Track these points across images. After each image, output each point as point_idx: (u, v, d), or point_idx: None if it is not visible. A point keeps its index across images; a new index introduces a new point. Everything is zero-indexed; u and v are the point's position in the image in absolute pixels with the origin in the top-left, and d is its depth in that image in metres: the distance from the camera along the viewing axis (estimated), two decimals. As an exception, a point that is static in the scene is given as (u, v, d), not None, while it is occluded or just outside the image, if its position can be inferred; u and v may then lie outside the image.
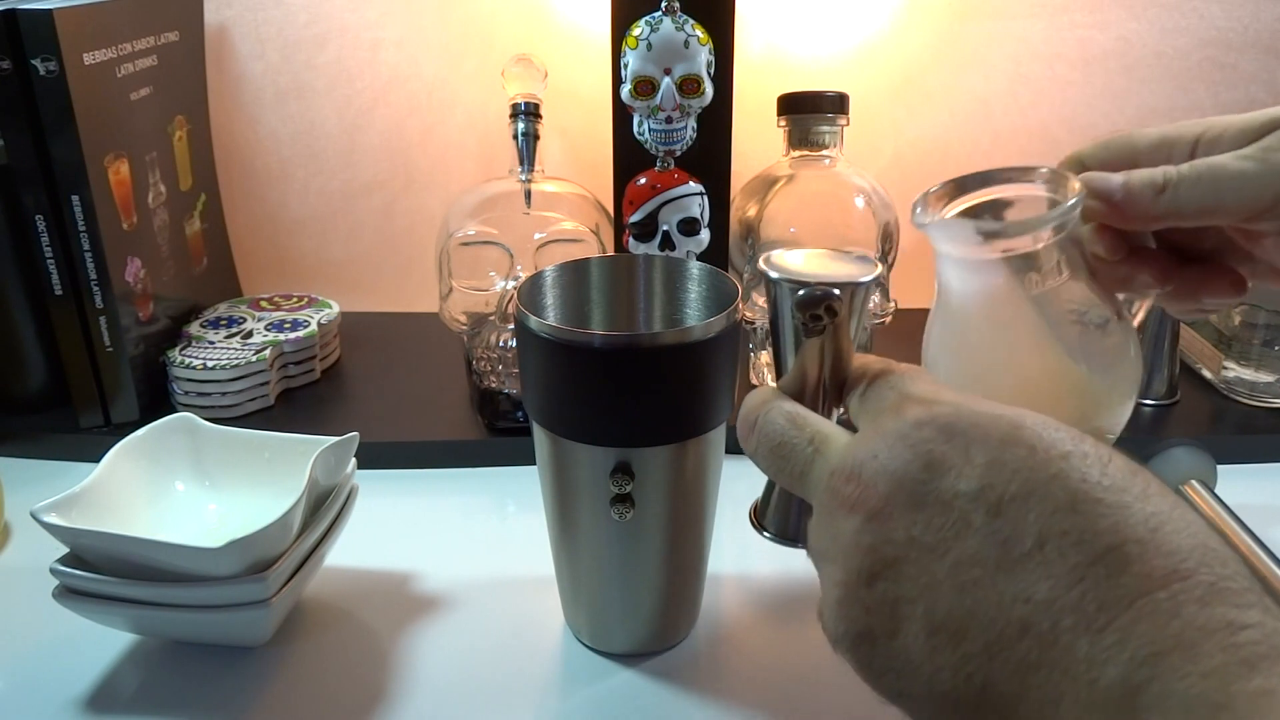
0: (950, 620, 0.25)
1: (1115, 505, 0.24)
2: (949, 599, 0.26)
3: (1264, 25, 0.83)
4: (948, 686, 0.26)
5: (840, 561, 0.28)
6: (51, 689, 0.47)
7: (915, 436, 0.28)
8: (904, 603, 0.27)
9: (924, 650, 0.26)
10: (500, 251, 0.69)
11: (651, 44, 0.62)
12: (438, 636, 0.51)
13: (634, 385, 0.42)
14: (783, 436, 0.32)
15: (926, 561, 0.26)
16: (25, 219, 0.64)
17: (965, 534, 0.26)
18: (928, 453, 0.27)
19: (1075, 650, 0.23)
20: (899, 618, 0.27)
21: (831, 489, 0.29)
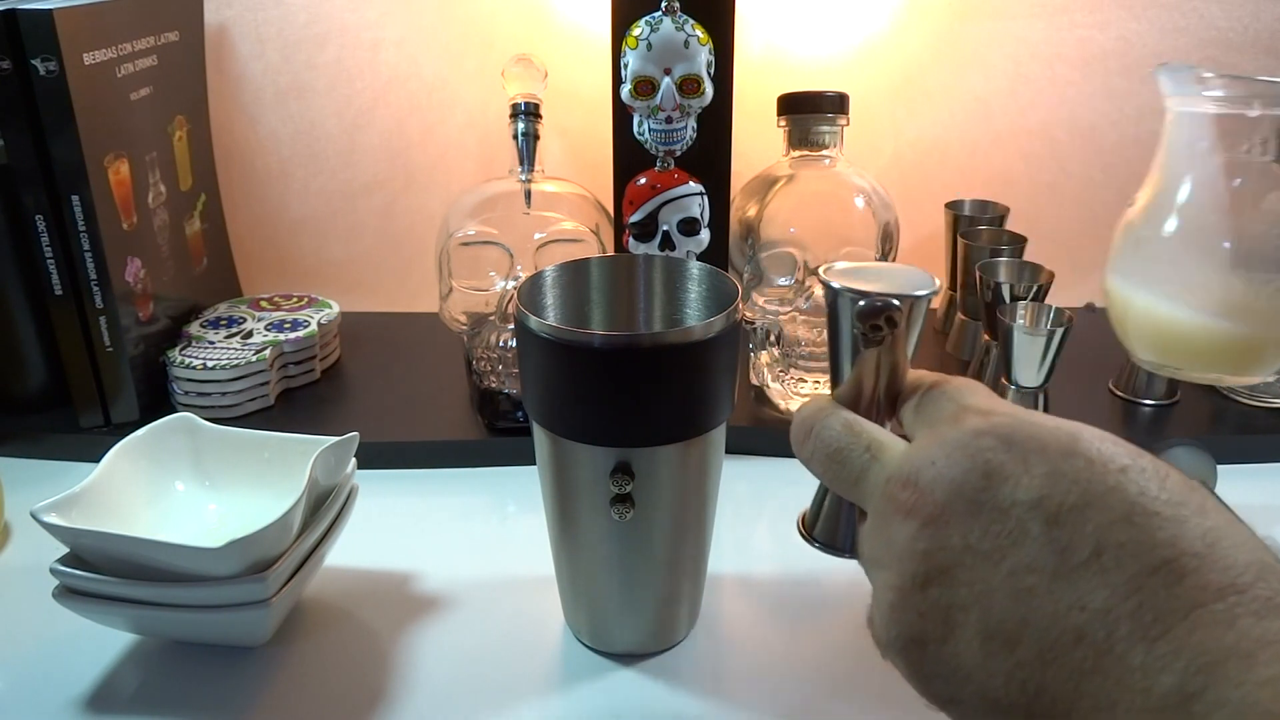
0: (1004, 627, 0.26)
1: (1172, 519, 0.25)
2: (1004, 606, 0.26)
3: (1264, 25, 0.83)
4: (1000, 693, 0.26)
5: (894, 567, 0.29)
6: (51, 689, 0.47)
7: (974, 445, 0.28)
8: (958, 609, 0.27)
9: (977, 656, 0.26)
10: (500, 251, 0.69)
11: (651, 44, 0.62)
12: (438, 636, 0.51)
13: (634, 385, 0.42)
14: (839, 443, 0.32)
15: (982, 568, 0.26)
16: (25, 219, 0.64)
17: (1022, 542, 0.26)
18: (986, 461, 0.27)
19: (1130, 658, 0.23)
20: (952, 623, 0.27)
21: (888, 495, 0.29)
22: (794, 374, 0.68)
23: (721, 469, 0.48)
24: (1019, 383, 0.66)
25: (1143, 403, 0.72)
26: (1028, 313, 0.67)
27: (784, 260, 0.68)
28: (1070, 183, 0.88)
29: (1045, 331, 0.65)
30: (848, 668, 0.49)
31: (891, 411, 0.35)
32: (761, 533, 0.61)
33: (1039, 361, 0.65)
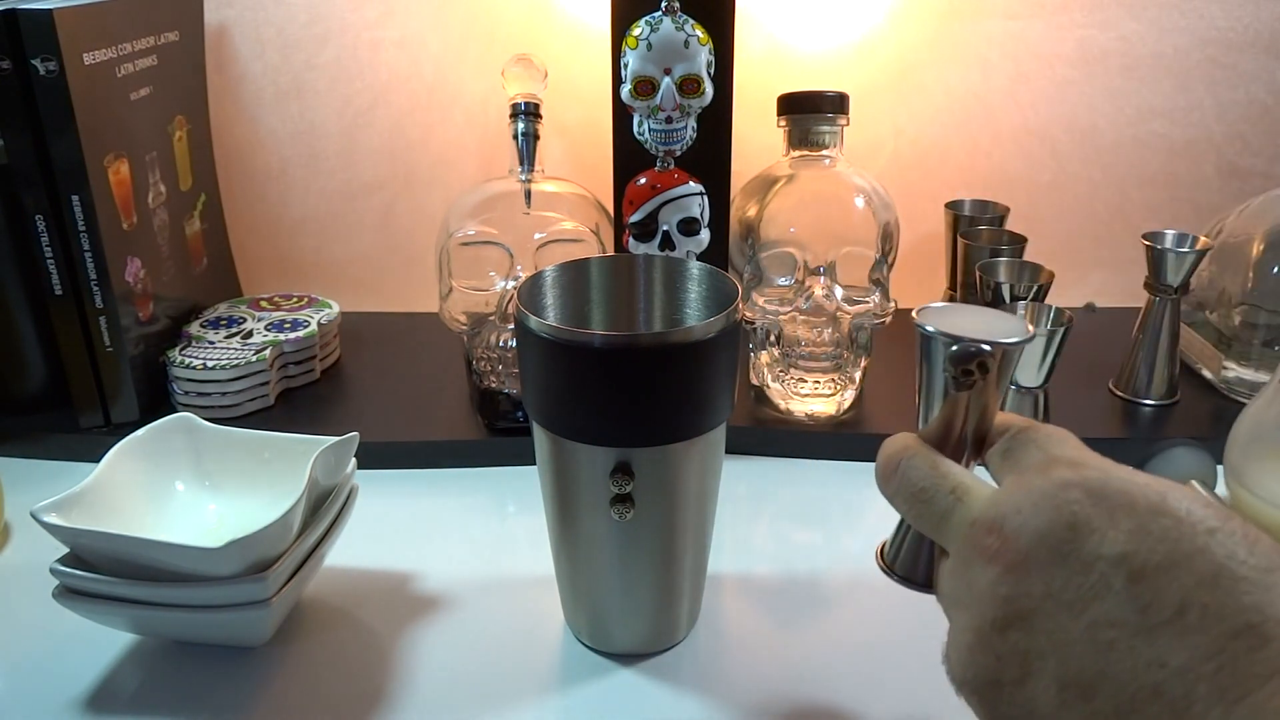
0: (1082, 677, 0.26)
1: (1259, 584, 0.25)
2: (1082, 656, 0.26)
3: (1264, 25, 0.83)
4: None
5: (974, 609, 0.29)
6: (51, 689, 0.47)
7: (1062, 497, 0.28)
8: (1035, 655, 0.27)
9: (1052, 704, 0.27)
10: (500, 251, 0.69)
11: (651, 44, 0.62)
12: (438, 636, 0.51)
13: (634, 385, 0.42)
14: (926, 482, 0.33)
15: (1062, 618, 0.27)
16: (25, 219, 0.64)
17: (1105, 595, 0.26)
18: (1073, 514, 0.28)
19: (1207, 719, 0.24)
20: (1029, 669, 0.27)
21: (972, 539, 0.30)
22: (794, 374, 0.68)
23: (721, 469, 0.48)
24: (1019, 383, 0.66)
25: (1143, 403, 0.72)
26: (1028, 313, 0.67)
27: (784, 260, 0.68)
28: (1070, 183, 0.88)
29: (1045, 331, 0.65)
30: (848, 668, 0.49)
31: (978, 454, 0.36)
32: (761, 533, 0.61)
33: (1039, 361, 0.65)
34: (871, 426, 0.69)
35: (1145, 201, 0.88)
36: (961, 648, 0.30)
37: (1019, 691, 0.27)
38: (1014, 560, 0.28)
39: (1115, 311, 0.80)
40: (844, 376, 0.68)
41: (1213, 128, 0.86)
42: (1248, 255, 0.72)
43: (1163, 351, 0.71)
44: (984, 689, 0.29)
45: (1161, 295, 0.70)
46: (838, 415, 0.69)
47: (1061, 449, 0.32)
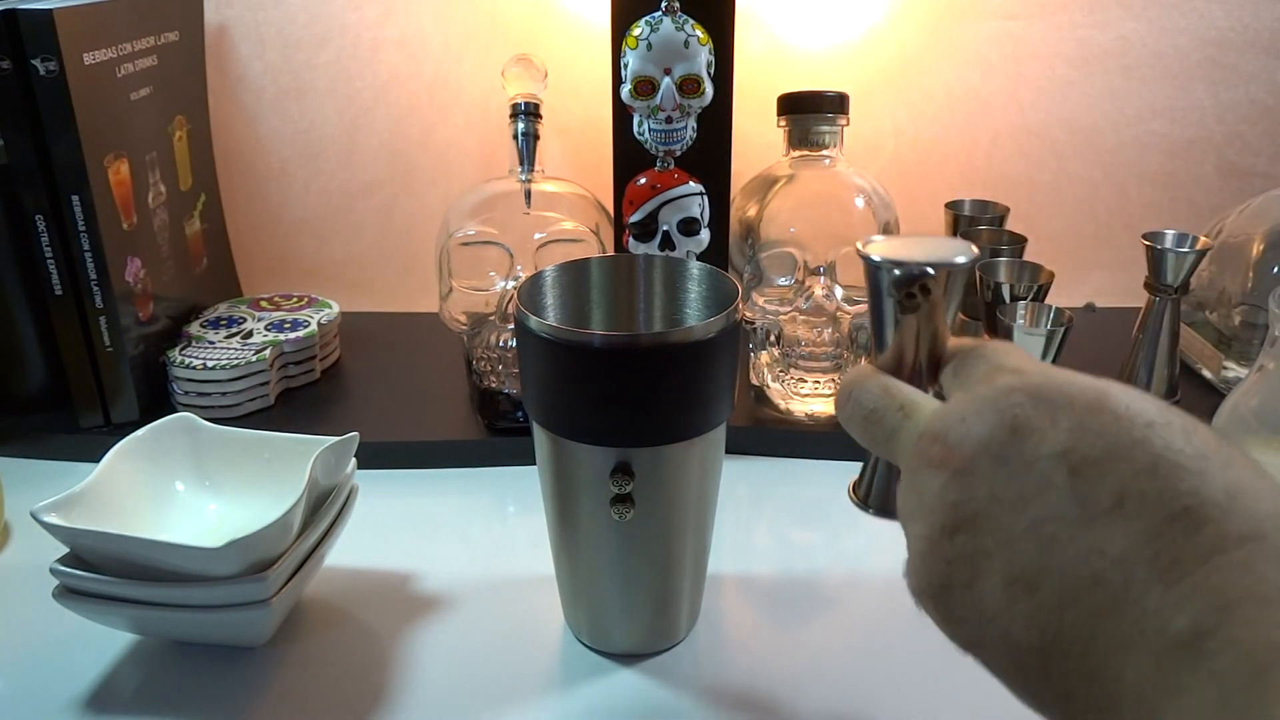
0: (1026, 573, 0.26)
1: (1195, 470, 0.25)
2: (1026, 553, 0.26)
3: (1264, 25, 0.83)
4: (1020, 635, 0.27)
5: (925, 518, 0.29)
6: (51, 689, 0.47)
7: (1004, 402, 0.29)
8: (982, 556, 0.28)
9: (1000, 601, 0.27)
10: (500, 251, 0.69)
11: (651, 44, 0.62)
12: (438, 636, 0.51)
13: (634, 385, 0.42)
14: (876, 404, 0.33)
15: (1006, 518, 0.27)
16: (25, 219, 0.64)
17: (1046, 492, 0.26)
18: (1015, 417, 0.28)
19: (1146, 601, 0.24)
20: (978, 570, 0.28)
21: (919, 450, 0.30)
22: (794, 374, 0.68)
23: (721, 469, 0.48)
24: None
25: (1143, 403, 0.72)
26: (1028, 313, 0.67)
27: (784, 260, 0.68)
28: (1070, 183, 0.88)
29: (1045, 331, 0.65)
30: (848, 668, 0.49)
31: (934, 379, 0.36)
32: (761, 533, 0.61)
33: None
34: (871, 426, 0.69)
35: (1145, 201, 0.88)
36: (915, 558, 0.30)
37: (968, 593, 0.28)
38: (959, 466, 0.28)
39: (1115, 311, 0.80)
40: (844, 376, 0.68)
41: (1213, 128, 0.86)
42: (1248, 255, 0.72)
43: (1163, 351, 0.71)
44: (937, 594, 0.29)
45: (1161, 295, 0.70)
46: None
47: (1006, 358, 0.32)
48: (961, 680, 0.48)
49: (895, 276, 0.34)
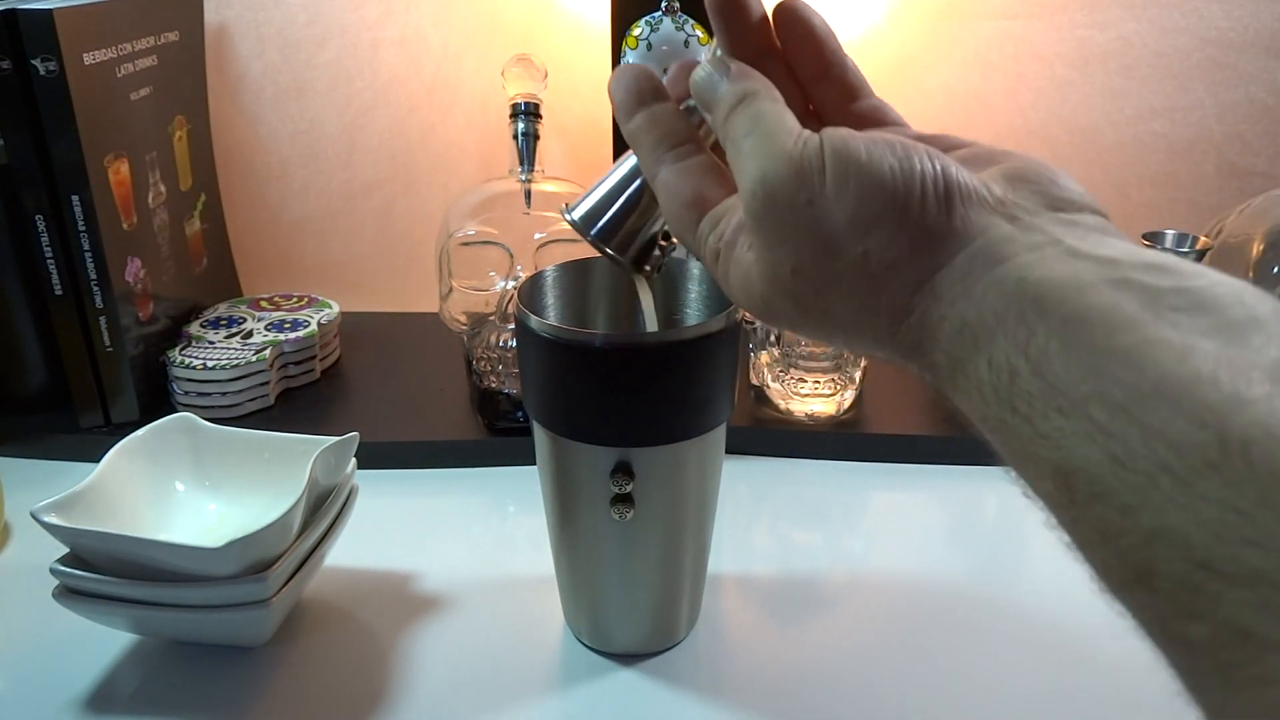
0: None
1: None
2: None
3: (1264, 25, 0.83)
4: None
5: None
6: (51, 689, 0.47)
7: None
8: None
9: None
10: (500, 251, 0.69)
11: (651, 44, 0.62)
12: (438, 636, 0.51)
13: (634, 385, 0.42)
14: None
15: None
16: (25, 219, 0.64)
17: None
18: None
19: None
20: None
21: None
22: (794, 374, 0.68)
23: (721, 469, 0.48)
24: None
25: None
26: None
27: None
28: (1070, 183, 0.88)
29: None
30: (848, 668, 0.49)
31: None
32: (761, 533, 0.61)
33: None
34: (871, 426, 0.69)
35: (1145, 201, 0.88)
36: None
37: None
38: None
39: (1115, 311, 0.80)
40: (844, 376, 0.68)
41: (1213, 128, 0.86)
42: (1248, 255, 0.72)
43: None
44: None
45: (1161, 295, 0.70)
46: (838, 415, 0.69)
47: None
48: (961, 679, 0.48)
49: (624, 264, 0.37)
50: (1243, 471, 0.19)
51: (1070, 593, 0.53)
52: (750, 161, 0.29)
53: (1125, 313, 0.23)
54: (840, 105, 0.36)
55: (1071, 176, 0.29)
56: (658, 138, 0.34)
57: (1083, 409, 0.22)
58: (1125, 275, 0.24)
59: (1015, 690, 0.47)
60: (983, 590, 0.55)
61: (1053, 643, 0.50)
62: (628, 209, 0.38)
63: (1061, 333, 0.23)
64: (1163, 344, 0.22)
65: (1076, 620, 0.51)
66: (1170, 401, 0.21)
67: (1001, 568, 0.57)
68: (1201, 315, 0.22)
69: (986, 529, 0.61)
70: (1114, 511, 0.21)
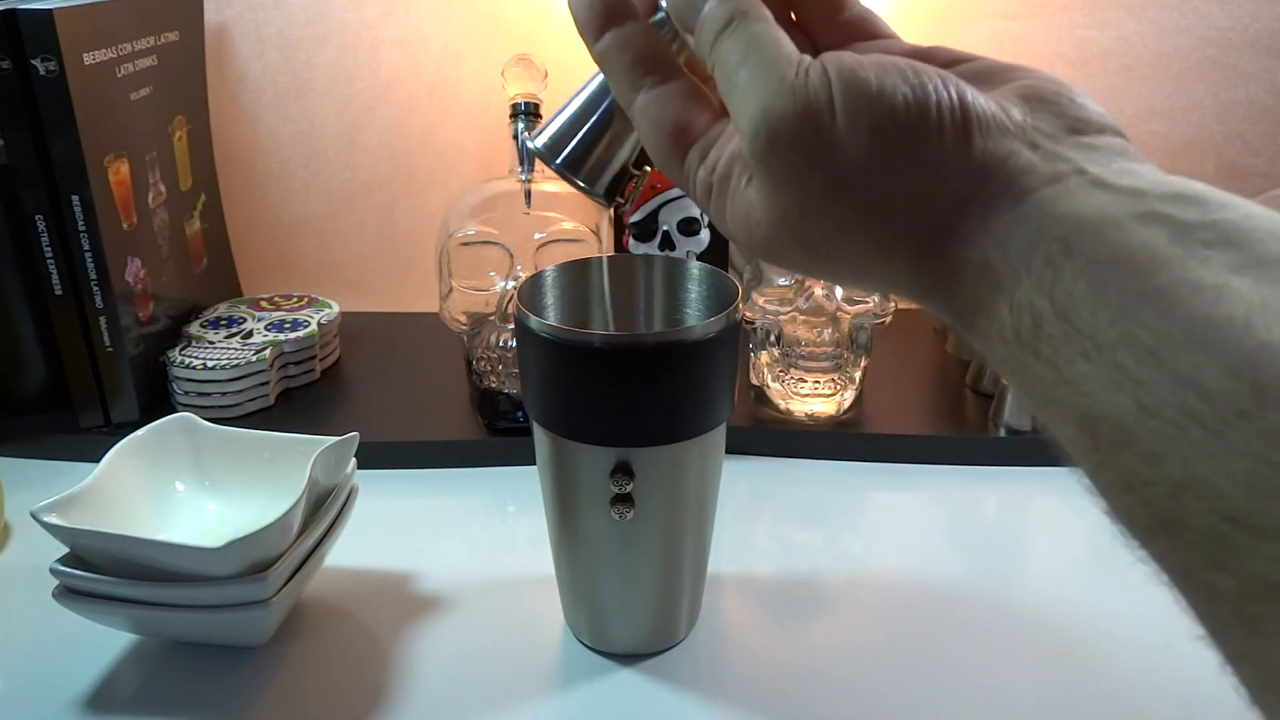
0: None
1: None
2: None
3: (1264, 25, 0.83)
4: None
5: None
6: (51, 689, 0.47)
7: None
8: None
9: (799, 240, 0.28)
10: (500, 251, 0.69)
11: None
12: (438, 636, 0.51)
13: (634, 385, 0.42)
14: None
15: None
16: (25, 219, 0.64)
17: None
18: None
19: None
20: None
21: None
22: (794, 374, 0.68)
23: (721, 469, 0.48)
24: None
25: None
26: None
27: (784, 260, 0.68)
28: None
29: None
30: (848, 668, 0.49)
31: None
32: (761, 533, 0.61)
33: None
34: (871, 426, 0.69)
35: (1145, 201, 0.88)
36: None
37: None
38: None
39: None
40: (844, 376, 0.68)
41: (1213, 128, 0.86)
42: (1248, 255, 0.72)
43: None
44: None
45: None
46: (838, 415, 0.69)
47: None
48: (961, 679, 0.48)
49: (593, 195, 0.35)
50: (1277, 422, 0.19)
51: (1070, 592, 0.54)
52: (749, 95, 0.27)
53: (1154, 251, 0.22)
54: (826, 17, 0.33)
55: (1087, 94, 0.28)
56: (631, 61, 0.31)
57: (1110, 354, 0.21)
58: (1153, 208, 0.22)
59: (1015, 690, 0.47)
60: (982, 590, 0.55)
61: (1052, 643, 0.50)
62: (596, 134, 0.35)
63: (1088, 274, 0.22)
64: (1194, 285, 0.21)
65: (1076, 620, 0.51)
66: (1202, 347, 0.20)
67: (1001, 568, 0.57)
68: (1233, 250, 0.21)
69: (986, 529, 0.61)
70: (1140, 460, 0.21)
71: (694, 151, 0.30)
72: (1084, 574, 0.56)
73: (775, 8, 0.30)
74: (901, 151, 0.25)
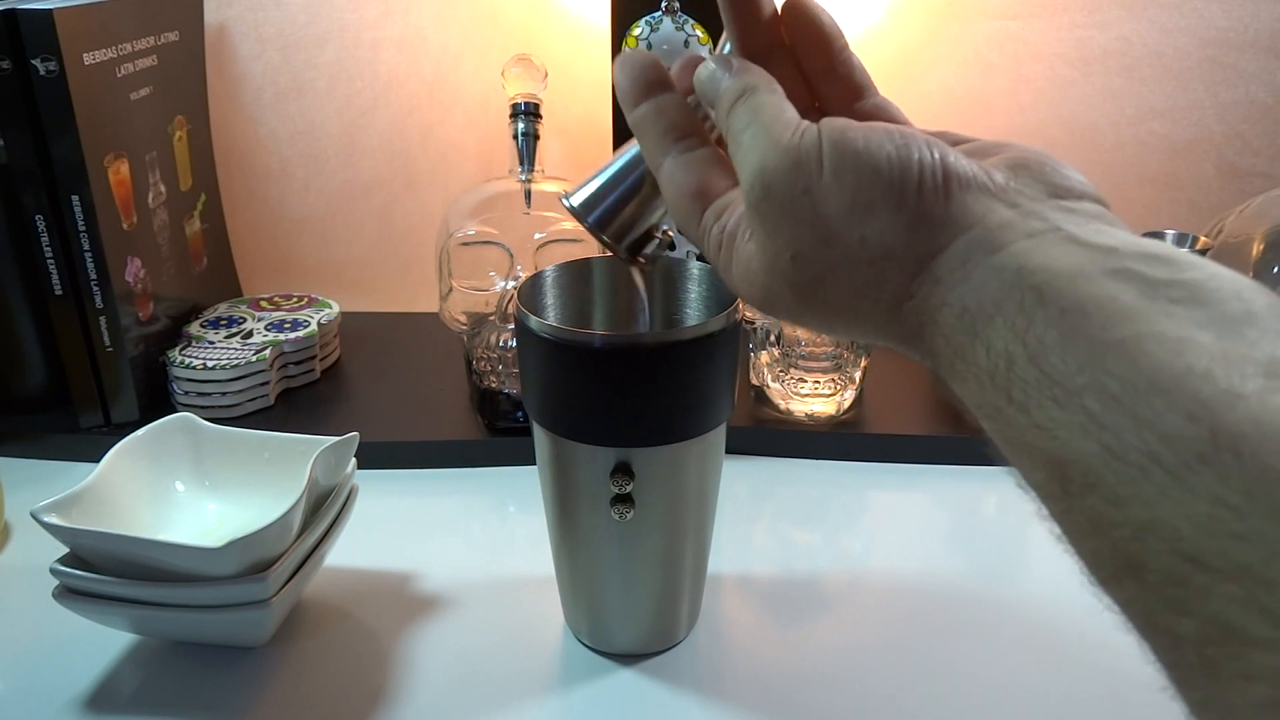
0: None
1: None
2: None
3: (1264, 25, 0.83)
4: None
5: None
6: (51, 689, 0.47)
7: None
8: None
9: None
10: (500, 251, 0.69)
11: (651, 44, 0.62)
12: (438, 636, 0.51)
13: (634, 385, 0.42)
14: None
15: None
16: (25, 219, 0.64)
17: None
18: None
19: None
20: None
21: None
22: (794, 374, 0.68)
23: (721, 469, 0.48)
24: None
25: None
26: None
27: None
28: (1070, 183, 0.88)
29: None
30: (848, 668, 0.49)
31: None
32: (761, 533, 0.61)
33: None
34: (871, 426, 0.69)
35: (1145, 201, 0.88)
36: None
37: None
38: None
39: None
40: (844, 376, 0.68)
41: (1213, 128, 0.86)
42: (1248, 255, 0.72)
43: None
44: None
45: (1161, 295, 0.70)
46: (838, 415, 0.69)
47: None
48: (961, 679, 0.48)
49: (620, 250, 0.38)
50: (1233, 466, 0.19)
51: (1070, 592, 0.53)
52: (749, 153, 0.30)
53: (1123, 304, 0.23)
54: (845, 103, 0.36)
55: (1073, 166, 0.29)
56: (664, 129, 0.34)
57: (1078, 400, 0.22)
58: (1124, 265, 0.24)
59: (1015, 690, 0.47)
60: (982, 590, 0.55)
61: (1052, 642, 0.50)
62: (626, 197, 0.38)
63: (1060, 322, 0.23)
64: (1158, 337, 0.22)
65: (1076, 620, 0.51)
66: (1164, 394, 0.21)
67: (1001, 568, 0.57)
68: (1198, 308, 0.22)
69: (986, 529, 0.61)
70: (1106, 503, 0.21)
71: (710, 212, 0.32)
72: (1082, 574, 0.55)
73: (800, 94, 0.34)
74: (884, 202, 0.27)
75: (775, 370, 0.69)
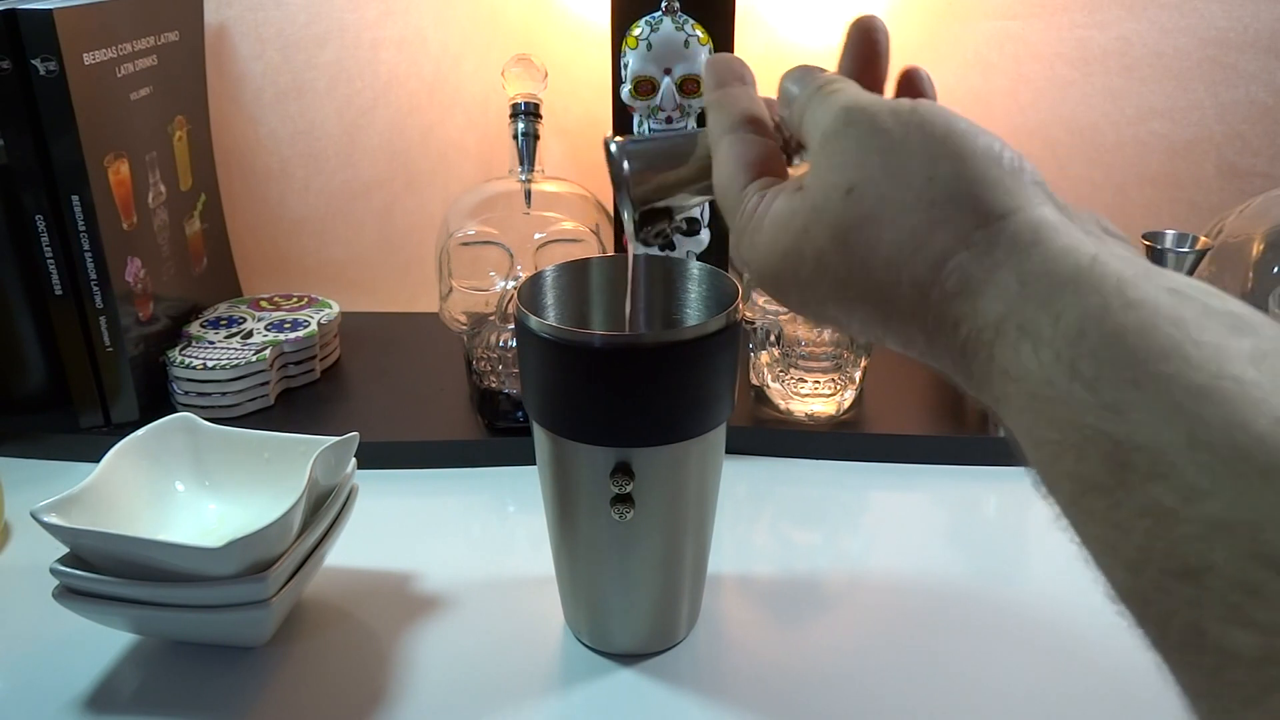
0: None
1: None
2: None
3: (1264, 25, 0.83)
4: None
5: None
6: (51, 689, 0.47)
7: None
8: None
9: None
10: (500, 251, 0.69)
11: (651, 44, 0.62)
12: (438, 636, 0.51)
13: (634, 385, 0.42)
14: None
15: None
16: (25, 219, 0.64)
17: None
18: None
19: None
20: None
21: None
22: (794, 374, 0.68)
23: (721, 469, 0.48)
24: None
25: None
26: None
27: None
28: (1070, 183, 0.88)
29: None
30: (848, 668, 0.49)
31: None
32: (761, 533, 0.61)
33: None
34: (871, 426, 0.69)
35: (1145, 201, 0.88)
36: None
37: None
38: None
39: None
40: (844, 376, 0.68)
41: (1213, 128, 0.86)
42: (1248, 255, 0.72)
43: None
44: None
45: (1161, 295, 0.70)
46: (838, 415, 0.69)
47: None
48: (961, 679, 0.48)
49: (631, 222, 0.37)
50: None
51: (1070, 593, 0.54)
52: (836, 99, 0.31)
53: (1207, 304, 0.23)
54: None
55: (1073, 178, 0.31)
56: (737, 111, 0.35)
57: (1164, 384, 0.21)
58: (1179, 285, 0.24)
59: (1015, 690, 0.47)
60: (982, 590, 0.55)
61: (1053, 643, 0.50)
62: (669, 163, 0.37)
63: (1142, 308, 0.23)
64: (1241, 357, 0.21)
65: (1077, 620, 0.51)
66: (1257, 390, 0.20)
67: (1001, 568, 0.57)
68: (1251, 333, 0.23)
69: (986, 529, 0.61)
70: (1175, 495, 0.20)
71: (755, 184, 0.33)
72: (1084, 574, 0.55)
73: None
74: (950, 160, 0.28)
75: (775, 370, 0.69)
